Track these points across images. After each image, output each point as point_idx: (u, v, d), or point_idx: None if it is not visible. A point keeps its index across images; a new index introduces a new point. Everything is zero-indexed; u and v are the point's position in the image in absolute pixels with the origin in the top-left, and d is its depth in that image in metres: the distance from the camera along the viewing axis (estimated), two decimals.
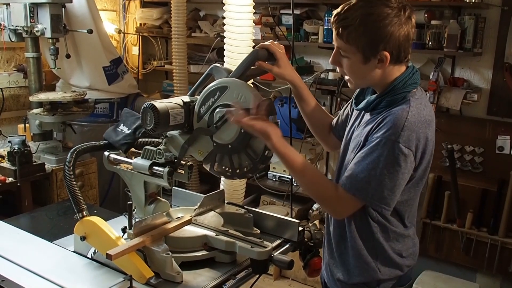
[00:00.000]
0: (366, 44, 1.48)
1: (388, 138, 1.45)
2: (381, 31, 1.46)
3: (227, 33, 2.79)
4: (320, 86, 3.80)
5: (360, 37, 1.47)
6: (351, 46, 1.50)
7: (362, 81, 1.59)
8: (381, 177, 1.47)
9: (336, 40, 1.54)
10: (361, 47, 1.48)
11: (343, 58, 1.55)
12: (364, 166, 1.48)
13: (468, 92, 3.37)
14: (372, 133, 1.51)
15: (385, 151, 1.45)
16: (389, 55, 1.48)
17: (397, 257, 1.64)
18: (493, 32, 3.36)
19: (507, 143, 3.32)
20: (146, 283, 1.46)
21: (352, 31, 1.47)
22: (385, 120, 1.49)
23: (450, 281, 3.44)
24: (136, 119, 1.80)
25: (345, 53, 1.53)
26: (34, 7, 3.24)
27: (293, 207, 3.48)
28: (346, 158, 1.65)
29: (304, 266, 1.88)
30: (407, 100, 1.52)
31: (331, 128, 1.90)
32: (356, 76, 1.57)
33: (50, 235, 1.84)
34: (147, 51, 5.00)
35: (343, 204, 1.55)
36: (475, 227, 3.44)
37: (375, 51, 1.48)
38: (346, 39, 1.49)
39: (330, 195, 1.55)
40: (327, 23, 3.73)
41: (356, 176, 1.50)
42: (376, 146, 1.47)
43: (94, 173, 3.44)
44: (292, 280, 3.86)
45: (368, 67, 1.52)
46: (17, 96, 3.92)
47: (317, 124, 1.92)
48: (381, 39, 1.47)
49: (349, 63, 1.54)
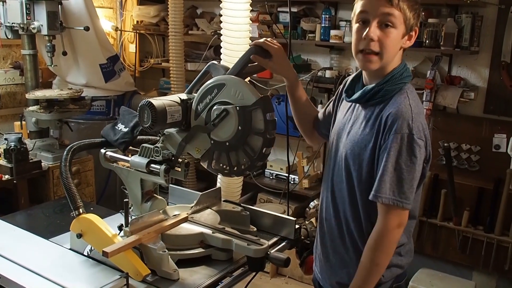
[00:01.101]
0: (413, 16, 1.52)
1: (403, 132, 1.46)
2: (419, 8, 1.54)
3: (224, 30, 2.79)
4: (317, 84, 3.80)
5: (412, 8, 1.51)
6: (401, 15, 1.50)
7: (392, 56, 1.56)
8: (400, 172, 1.47)
9: (384, 7, 1.49)
10: (408, 18, 1.51)
11: (385, 29, 1.51)
12: (389, 171, 1.47)
13: (465, 90, 3.37)
14: (383, 135, 1.50)
15: (403, 146, 1.46)
16: (417, 33, 1.56)
17: (397, 256, 1.63)
18: (490, 31, 3.37)
19: (504, 142, 3.33)
20: (142, 280, 1.46)
21: (406, 1, 1.49)
22: (390, 116, 1.49)
23: (446, 279, 3.44)
24: (134, 117, 1.80)
25: (395, 21, 1.50)
26: (30, 4, 3.22)
27: (289, 205, 3.49)
28: (340, 151, 1.64)
29: (301, 263, 1.88)
30: (404, 92, 1.55)
31: (314, 125, 1.90)
32: (392, 50, 1.54)
33: (47, 233, 1.83)
34: (144, 49, 4.98)
35: (389, 224, 1.51)
36: (471, 225, 3.44)
37: (414, 25, 1.54)
38: (401, 6, 1.49)
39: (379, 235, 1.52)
40: (324, 21, 3.74)
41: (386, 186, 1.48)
42: (392, 144, 1.46)
43: (90, 171, 3.43)
44: (289, 277, 3.87)
45: (400, 42, 1.55)
46: (13, 94, 3.90)
47: (304, 119, 1.91)
48: (419, 15, 1.54)
49: (393, 34, 1.52)
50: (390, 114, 1.49)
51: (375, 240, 1.52)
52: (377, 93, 1.56)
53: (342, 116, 1.71)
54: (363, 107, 1.62)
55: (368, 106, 1.59)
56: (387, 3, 1.48)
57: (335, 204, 1.67)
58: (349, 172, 1.59)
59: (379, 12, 1.50)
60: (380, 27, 1.51)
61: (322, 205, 1.75)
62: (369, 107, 1.59)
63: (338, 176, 1.65)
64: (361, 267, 1.55)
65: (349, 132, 1.62)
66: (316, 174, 4.01)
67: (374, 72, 1.58)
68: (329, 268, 1.73)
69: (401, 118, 1.47)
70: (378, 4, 1.50)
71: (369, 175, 1.54)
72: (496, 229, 3.34)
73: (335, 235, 1.68)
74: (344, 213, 1.64)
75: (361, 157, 1.56)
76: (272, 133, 1.51)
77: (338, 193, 1.65)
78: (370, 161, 1.54)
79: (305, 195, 3.92)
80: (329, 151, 1.75)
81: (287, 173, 2.99)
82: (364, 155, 1.55)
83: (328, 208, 1.70)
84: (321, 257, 1.76)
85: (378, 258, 1.52)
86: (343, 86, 1.76)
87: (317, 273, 1.81)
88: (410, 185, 1.48)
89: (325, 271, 1.75)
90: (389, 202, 1.47)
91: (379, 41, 1.51)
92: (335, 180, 1.67)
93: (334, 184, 1.67)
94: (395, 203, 1.47)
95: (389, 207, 1.48)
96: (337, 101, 1.79)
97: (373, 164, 1.53)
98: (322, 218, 1.75)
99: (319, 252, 1.78)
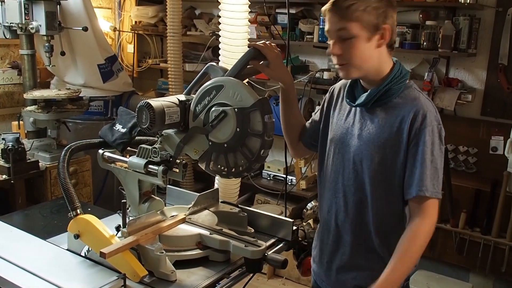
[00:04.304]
0: (374, 16, 1.52)
1: (433, 125, 1.53)
2: (381, 6, 1.53)
3: (223, 31, 2.79)
4: (315, 85, 3.80)
5: (364, 12, 1.51)
6: (356, 24, 1.52)
7: (364, 63, 1.57)
8: (436, 163, 1.53)
9: (337, 23, 1.54)
10: (365, 22, 1.52)
11: (345, 41, 1.54)
12: (428, 164, 1.52)
13: (462, 92, 3.38)
14: (413, 130, 1.53)
15: (435, 137, 1.53)
16: (390, 28, 1.54)
17: None
18: (487, 33, 3.38)
19: (501, 144, 3.34)
20: (139, 281, 1.46)
21: (357, 7, 1.50)
22: (418, 111, 1.53)
23: (443, 281, 3.45)
24: (132, 118, 1.79)
25: (350, 32, 1.52)
26: (29, 4, 3.22)
27: (287, 206, 3.48)
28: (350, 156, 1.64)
29: (298, 265, 1.88)
30: (413, 88, 1.61)
31: (300, 136, 1.90)
32: (360, 58, 1.56)
33: (44, 233, 1.83)
34: (142, 49, 4.98)
35: (432, 215, 1.55)
36: (468, 227, 3.45)
37: (380, 24, 1.54)
38: (351, 17, 1.51)
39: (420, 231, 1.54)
40: (323, 22, 3.73)
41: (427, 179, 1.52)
42: (426, 138, 1.51)
43: (88, 171, 3.43)
44: (286, 279, 3.87)
45: (370, 46, 1.55)
46: (11, 93, 3.90)
47: (292, 129, 1.90)
48: (383, 11, 1.54)
49: (353, 43, 1.54)
50: (416, 111, 1.54)
51: (417, 235, 1.53)
52: (384, 93, 1.58)
53: (342, 121, 1.71)
54: (367, 110, 1.63)
55: (373, 107, 1.61)
56: (340, 19, 1.53)
57: (347, 208, 1.67)
58: (370, 174, 1.60)
59: (333, 28, 1.56)
60: (340, 41, 1.56)
61: (331, 213, 1.73)
62: (376, 108, 1.60)
63: (351, 180, 1.65)
64: (397, 260, 1.53)
65: (359, 135, 1.63)
66: (313, 175, 4.01)
67: (368, 77, 1.61)
68: (347, 272, 1.71)
69: (428, 111, 1.54)
70: (332, 22, 1.56)
71: (393, 172, 1.57)
72: (493, 231, 3.34)
73: (348, 240, 1.68)
74: (361, 217, 1.64)
75: (381, 157, 1.57)
76: (270, 135, 1.52)
77: (352, 197, 1.65)
78: (391, 158, 1.56)
79: (302, 196, 3.92)
80: (329, 159, 1.74)
81: (285, 174, 2.99)
82: (384, 154, 1.57)
83: (340, 214, 1.69)
84: (330, 264, 1.75)
85: (417, 254, 1.54)
86: (330, 94, 1.80)
87: (321, 280, 1.81)
88: (441, 174, 1.55)
89: (338, 276, 1.73)
90: (432, 195, 1.52)
91: (343, 53, 1.56)
92: (347, 185, 1.66)
93: (347, 189, 1.67)
94: (436, 195, 1.53)
95: (429, 200, 1.53)
96: (328, 109, 1.79)
97: (397, 160, 1.56)
98: (330, 224, 1.74)
99: (327, 258, 1.76)
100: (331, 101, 1.79)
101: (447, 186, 3.40)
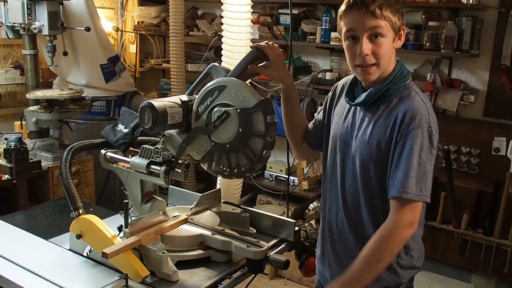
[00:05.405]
0: (398, 18, 1.54)
1: (422, 127, 1.49)
2: (401, 7, 1.56)
3: (225, 32, 2.80)
4: (317, 86, 3.80)
5: (395, 11, 1.53)
6: (387, 23, 1.52)
7: (388, 62, 1.58)
8: (424, 166, 1.48)
9: (370, 21, 1.51)
10: (394, 23, 1.53)
11: (376, 40, 1.53)
12: (414, 166, 1.48)
13: (464, 93, 3.38)
14: (399, 131, 1.51)
15: (424, 140, 1.48)
16: (405, 30, 1.57)
17: (416, 258, 1.67)
18: (490, 34, 3.37)
19: (503, 145, 3.34)
20: (141, 282, 1.46)
21: (388, 7, 1.51)
22: (408, 112, 1.51)
23: (445, 282, 3.45)
24: (134, 118, 1.79)
25: (383, 31, 1.52)
26: (31, 4, 3.23)
27: (289, 207, 3.48)
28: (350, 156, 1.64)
29: (300, 265, 1.88)
30: (411, 89, 1.58)
31: (304, 137, 1.90)
32: (386, 57, 1.56)
33: (46, 233, 1.83)
34: (144, 49, 4.99)
35: (408, 218, 1.49)
36: (470, 228, 3.45)
37: (401, 26, 1.55)
38: (384, 16, 1.51)
39: (389, 231, 1.50)
40: (325, 23, 3.74)
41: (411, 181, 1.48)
42: (414, 140, 1.48)
43: (90, 171, 3.43)
44: (288, 279, 3.86)
45: (392, 46, 1.57)
46: (13, 93, 3.91)
47: (295, 130, 1.90)
48: (402, 13, 1.56)
49: (384, 43, 1.54)
50: (406, 111, 1.51)
51: (385, 235, 1.50)
52: (383, 93, 1.57)
53: (342, 120, 1.70)
54: (366, 109, 1.62)
55: (372, 107, 1.60)
56: (371, 16, 1.51)
57: (346, 207, 1.67)
58: (367, 174, 1.59)
59: (366, 27, 1.52)
60: (371, 39, 1.53)
61: (331, 212, 1.74)
62: (373, 108, 1.60)
63: (350, 180, 1.65)
64: (363, 259, 1.51)
65: (358, 135, 1.63)
66: (315, 176, 4.01)
67: (385, 68, 1.60)
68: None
69: (418, 113, 1.50)
70: (363, 19, 1.52)
71: (386, 173, 1.55)
72: (495, 232, 3.34)
73: (350, 240, 1.68)
74: (359, 216, 1.64)
75: (377, 157, 1.56)
76: (272, 136, 1.51)
77: (351, 196, 1.65)
78: (386, 159, 1.55)
79: (304, 197, 3.91)
80: (330, 158, 1.74)
81: (287, 174, 2.99)
82: (380, 155, 1.56)
83: (340, 213, 1.70)
84: (333, 264, 1.75)
85: (384, 254, 1.51)
86: (333, 92, 1.79)
87: (325, 279, 1.81)
88: (430, 178, 1.50)
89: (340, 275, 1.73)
90: (416, 198, 1.47)
91: (373, 53, 1.54)
92: (346, 185, 1.66)
93: (346, 189, 1.67)
94: (420, 198, 1.48)
95: (408, 202, 1.48)
96: (331, 106, 1.80)
97: (388, 162, 1.54)
98: (331, 224, 1.74)
99: (330, 259, 1.76)
100: (333, 98, 1.79)
101: (449, 187, 3.40)
